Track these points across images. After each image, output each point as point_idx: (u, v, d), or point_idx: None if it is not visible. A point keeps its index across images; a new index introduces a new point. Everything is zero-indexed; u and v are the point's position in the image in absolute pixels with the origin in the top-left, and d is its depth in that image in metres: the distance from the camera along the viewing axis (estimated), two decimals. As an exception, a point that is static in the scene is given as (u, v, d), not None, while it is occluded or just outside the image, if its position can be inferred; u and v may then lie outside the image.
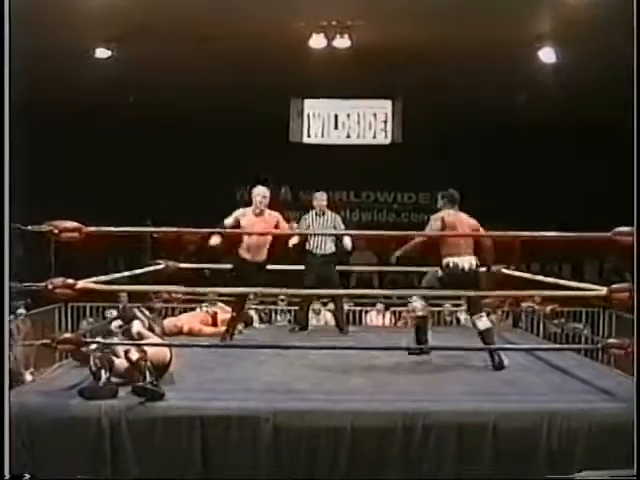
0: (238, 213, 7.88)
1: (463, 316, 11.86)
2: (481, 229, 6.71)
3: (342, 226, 8.98)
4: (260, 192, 7.97)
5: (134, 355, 5.27)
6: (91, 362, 5.27)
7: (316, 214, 8.82)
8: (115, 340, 6.03)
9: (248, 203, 8.06)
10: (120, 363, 5.40)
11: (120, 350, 5.47)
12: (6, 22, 3.83)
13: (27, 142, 15.07)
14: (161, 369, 5.52)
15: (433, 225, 6.61)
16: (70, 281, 5.31)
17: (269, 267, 8.01)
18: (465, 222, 6.69)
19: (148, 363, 5.25)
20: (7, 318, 3.97)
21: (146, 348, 5.44)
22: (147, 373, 5.15)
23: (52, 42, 10.53)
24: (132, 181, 15.52)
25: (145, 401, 4.97)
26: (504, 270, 8.36)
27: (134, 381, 5.16)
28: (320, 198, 8.87)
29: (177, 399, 5.13)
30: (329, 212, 8.86)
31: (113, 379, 5.31)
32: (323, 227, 8.68)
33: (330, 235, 8.78)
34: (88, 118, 14.58)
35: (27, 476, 4.46)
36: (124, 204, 14.41)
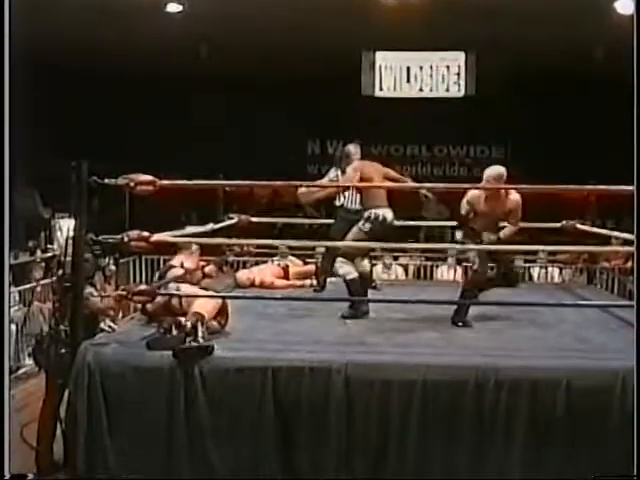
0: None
1: (536, 272, 11.75)
2: None
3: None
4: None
5: (188, 324, 5.15)
6: (165, 324, 5.31)
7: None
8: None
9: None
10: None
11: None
12: (6, 19, 3.81)
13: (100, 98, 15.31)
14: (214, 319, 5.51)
15: None
16: (145, 234, 5.37)
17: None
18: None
19: (202, 326, 5.15)
20: (7, 318, 4.00)
21: (195, 302, 5.41)
22: (200, 333, 5.09)
23: None
24: (205, 136, 15.64)
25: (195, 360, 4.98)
26: (578, 225, 8.25)
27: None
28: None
29: (249, 350, 5.18)
30: None
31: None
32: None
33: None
34: (160, 74, 14.70)
35: (30, 476, 4.53)
36: (197, 159, 14.53)
